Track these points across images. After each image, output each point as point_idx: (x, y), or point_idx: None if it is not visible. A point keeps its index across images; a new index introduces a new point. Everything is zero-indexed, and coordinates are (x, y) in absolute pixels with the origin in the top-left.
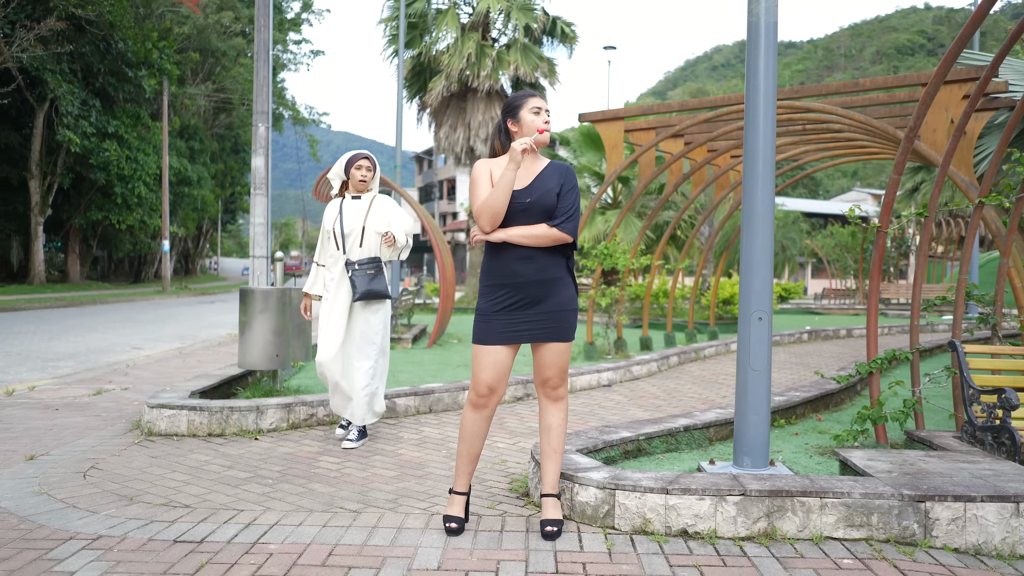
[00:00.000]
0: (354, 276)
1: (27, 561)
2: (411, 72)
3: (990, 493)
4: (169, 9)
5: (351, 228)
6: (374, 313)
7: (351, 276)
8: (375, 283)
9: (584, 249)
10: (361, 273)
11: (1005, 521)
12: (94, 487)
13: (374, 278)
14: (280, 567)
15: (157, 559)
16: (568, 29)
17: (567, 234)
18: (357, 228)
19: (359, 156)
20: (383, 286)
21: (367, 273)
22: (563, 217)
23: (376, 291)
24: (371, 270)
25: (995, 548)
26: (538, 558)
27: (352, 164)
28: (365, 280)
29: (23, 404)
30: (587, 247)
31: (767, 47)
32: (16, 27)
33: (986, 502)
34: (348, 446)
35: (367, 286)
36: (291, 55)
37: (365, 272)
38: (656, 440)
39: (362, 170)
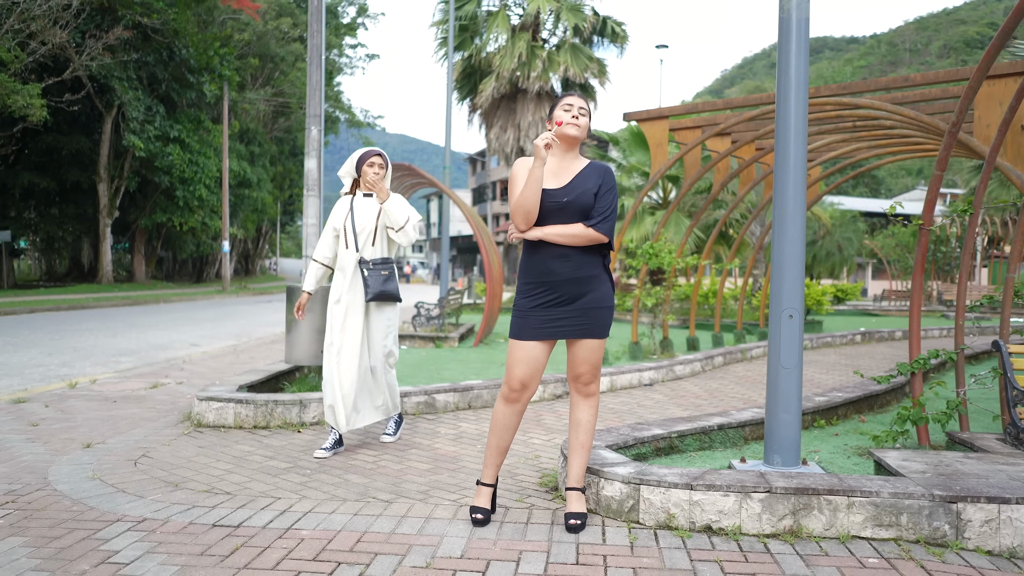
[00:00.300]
0: (368, 275)
1: (77, 540)
2: (462, 74)
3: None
4: (230, 16)
5: (364, 226)
6: (387, 315)
7: (365, 275)
8: (389, 284)
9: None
10: (375, 273)
11: None
12: (143, 474)
13: (388, 279)
14: (310, 551)
15: (196, 541)
16: (618, 29)
17: (602, 234)
18: (370, 226)
19: (371, 154)
20: (395, 288)
21: (381, 273)
22: (599, 217)
23: (390, 292)
24: (385, 270)
25: None
26: (560, 550)
27: (364, 162)
28: (379, 280)
29: (85, 396)
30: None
31: (798, 43)
32: (86, 37)
33: (1021, 504)
34: (388, 439)
35: (381, 287)
36: (347, 59)
37: (379, 272)
38: (689, 438)
39: (374, 167)
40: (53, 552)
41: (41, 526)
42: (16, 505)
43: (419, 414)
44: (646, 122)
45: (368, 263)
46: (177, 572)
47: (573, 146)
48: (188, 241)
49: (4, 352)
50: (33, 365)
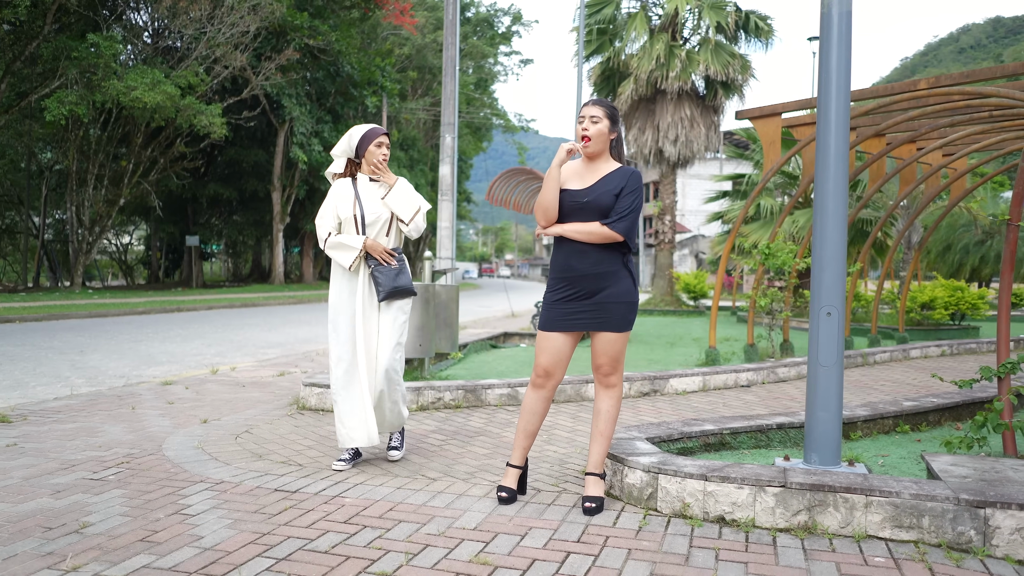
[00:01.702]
0: (376, 272)
1: (163, 495)
2: (600, 77)
3: None
4: (391, 32)
5: (375, 216)
6: (398, 313)
7: (373, 273)
8: (401, 279)
9: (746, 248)
10: (385, 268)
11: None
12: (238, 446)
13: (399, 273)
14: (344, 515)
15: (255, 501)
16: (762, 24)
17: (617, 232)
18: (384, 215)
19: (379, 131)
20: (408, 281)
21: (391, 268)
22: (616, 216)
23: (404, 288)
24: (395, 263)
25: None
26: (567, 529)
27: (370, 141)
28: (390, 276)
29: (220, 381)
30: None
31: (840, 38)
32: (262, 59)
33: None
34: (396, 456)
35: (393, 283)
36: (501, 66)
37: (390, 267)
38: (744, 436)
39: (384, 147)
40: (141, 503)
41: (141, 482)
42: (128, 466)
43: (501, 405)
44: (759, 120)
45: (375, 259)
46: (230, 524)
47: (594, 156)
48: None
49: (173, 343)
50: (192, 354)
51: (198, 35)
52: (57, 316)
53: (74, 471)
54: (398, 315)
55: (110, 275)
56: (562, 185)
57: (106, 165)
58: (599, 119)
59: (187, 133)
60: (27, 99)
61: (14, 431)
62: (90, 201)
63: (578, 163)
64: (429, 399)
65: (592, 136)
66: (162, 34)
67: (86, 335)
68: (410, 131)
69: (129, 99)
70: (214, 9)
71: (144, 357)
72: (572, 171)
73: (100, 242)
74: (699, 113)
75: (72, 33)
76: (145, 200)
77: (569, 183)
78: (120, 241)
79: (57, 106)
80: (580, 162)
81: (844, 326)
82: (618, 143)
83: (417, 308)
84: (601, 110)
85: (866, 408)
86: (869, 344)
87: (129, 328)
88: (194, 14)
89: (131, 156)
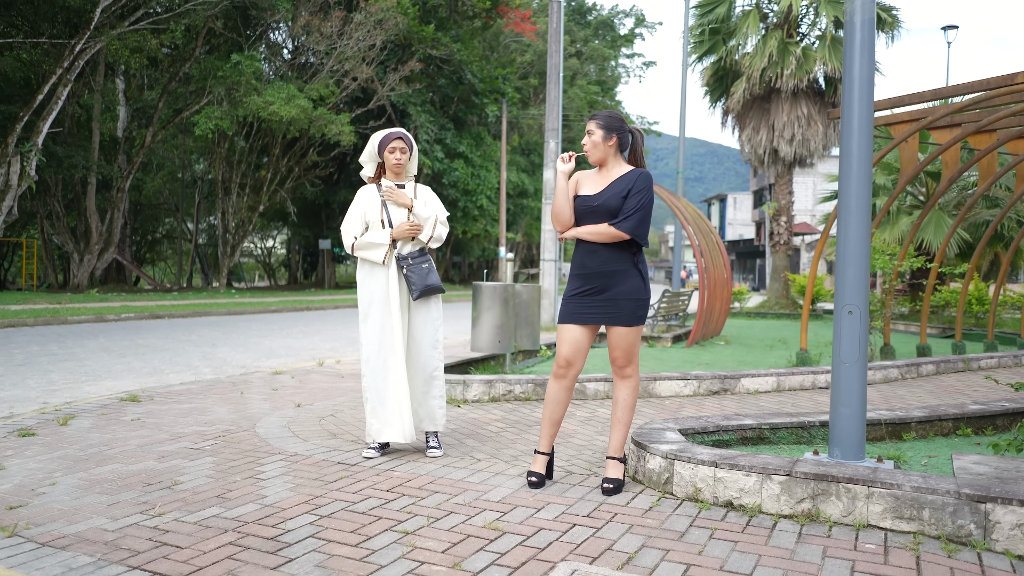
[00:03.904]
0: (409, 272)
1: (245, 463)
2: (713, 77)
3: None
4: (513, 39)
5: (401, 219)
6: (431, 310)
7: (406, 273)
8: (432, 277)
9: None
10: (416, 268)
11: None
12: (319, 427)
13: (430, 272)
14: (388, 485)
15: (318, 471)
16: (886, 15)
17: (623, 231)
18: (407, 219)
19: (392, 136)
20: (438, 279)
21: (422, 267)
22: (622, 217)
23: (435, 286)
24: (424, 263)
25: None
26: (581, 505)
27: (386, 146)
28: (422, 275)
29: (324, 372)
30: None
31: (862, 44)
32: (387, 70)
33: None
34: (436, 454)
35: (425, 281)
36: (623, 69)
37: (420, 266)
38: (783, 431)
39: (396, 152)
40: (225, 469)
41: (229, 453)
42: (223, 439)
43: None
44: None
45: (407, 259)
46: (291, 488)
47: (600, 163)
48: (474, 247)
49: (295, 338)
50: (309, 349)
51: (329, 50)
52: (200, 313)
53: (179, 442)
54: (432, 312)
55: (256, 276)
56: (577, 192)
57: (248, 174)
58: (592, 132)
59: (319, 142)
60: (181, 115)
61: (141, 408)
62: (234, 208)
63: (594, 171)
64: (500, 391)
65: (588, 148)
66: (299, 51)
67: (220, 330)
68: (532, 136)
69: (267, 113)
70: (344, 25)
71: (266, 350)
72: (587, 178)
73: (242, 246)
74: (817, 111)
75: (220, 54)
76: (283, 206)
77: (583, 189)
78: (265, 245)
79: (205, 121)
80: (596, 170)
81: (867, 324)
82: (625, 147)
83: (496, 307)
84: (594, 123)
85: (923, 409)
86: (985, 349)
87: (259, 324)
88: (326, 30)
89: (270, 165)
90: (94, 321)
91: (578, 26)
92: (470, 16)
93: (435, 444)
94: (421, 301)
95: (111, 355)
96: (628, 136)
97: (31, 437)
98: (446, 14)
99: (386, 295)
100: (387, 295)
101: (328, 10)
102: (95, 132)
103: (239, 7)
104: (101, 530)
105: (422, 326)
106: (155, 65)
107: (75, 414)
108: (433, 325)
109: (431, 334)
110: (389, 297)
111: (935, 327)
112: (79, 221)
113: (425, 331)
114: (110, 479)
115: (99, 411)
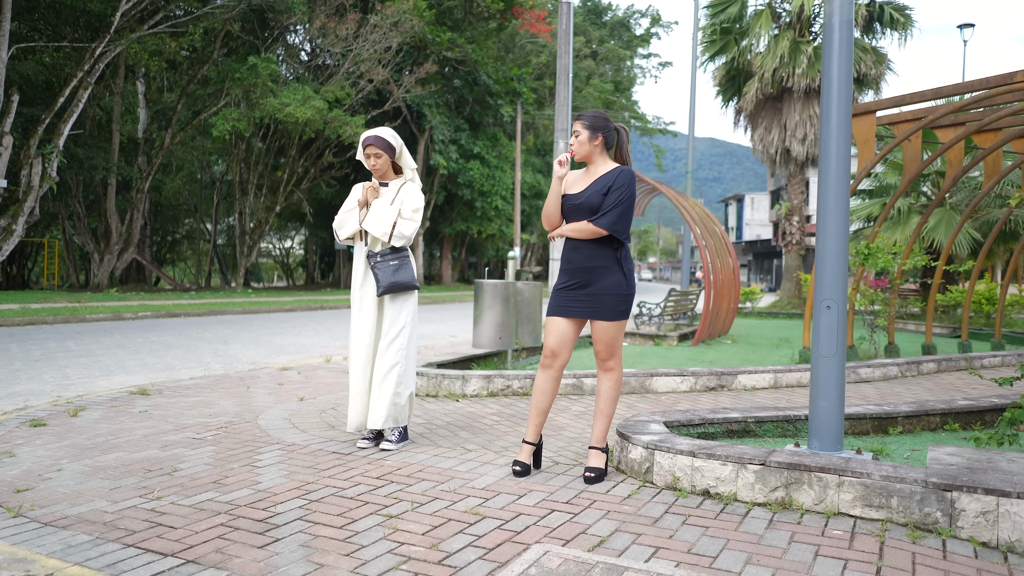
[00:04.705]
0: (376, 268)
1: (243, 452)
2: (725, 77)
3: None
4: (528, 40)
5: (379, 211)
6: (401, 308)
7: (373, 268)
8: (399, 274)
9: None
10: (384, 264)
11: None
12: (319, 420)
13: (398, 269)
14: (379, 472)
15: (312, 459)
16: (898, 15)
17: (600, 227)
18: (387, 217)
19: (366, 141)
20: (408, 276)
21: (390, 264)
22: (600, 213)
23: (401, 283)
24: (394, 260)
25: None
26: (562, 493)
27: (363, 150)
28: (388, 272)
29: (330, 368)
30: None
31: (841, 46)
32: (403, 72)
33: (1022, 499)
34: (388, 447)
35: (391, 278)
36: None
37: (388, 263)
38: (768, 424)
39: (370, 159)
40: (224, 457)
41: (230, 443)
42: (225, 430)
43: (565, 394)
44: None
45: (376, 256)
46: (285, 475)
47: (588, 161)
48: (488, 247)
49: (306, 336)
50: (319, 346)
51: (345, 52)
52: (215, 312)
53: (183, 432)
54: (401, 311)
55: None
56: (566, 191)
57: (265, 175)
58: (579, 132)
59: (335, 144)
60: (199, 117)
61: (149, 401)
62: (251, 208)
63: (582, 170)
64: (499, 386)
65: (575, 149)
66: (316, 53)
67: (234, 328)
68: (547, 136)
69: (283, 114)
70: (359, 27)
71: (276, 348)
72: (575, 178)
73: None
74: None
75: (237, 56)
76: (299, 207)
77: (571, 188)
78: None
79: (222, 123)
80: (583, 169)
81: (845, 319)
82: (610, 145)
83: (497, 304)
84: (579, 123)
85: (911, 404)
86: (992, 348)
87: (272, 323)
88: (341, 32)
89: (286, 166)
90: (112, 319)
91: (594, 26)
92: (485, 17)
93: (391, 438)
94: (390, 299)
95: (125, 351)
96: (613, 134)
97: (42, 427)
98: (461, 15)
99: (361, 290)
100: (358, 290)
101: (344, 12)
102: (115, 134)
103: (256, 10)
104: (101, 512)
105: (388, 323)
106: (174, 68)
107: (86, 406)
108: (399, 324)
109: (394, 333)
110: (362, 294)
111: (946, 327)
112: (100, 222)
113: (391, 329)
114: (113, 466)
115: (109, 404)
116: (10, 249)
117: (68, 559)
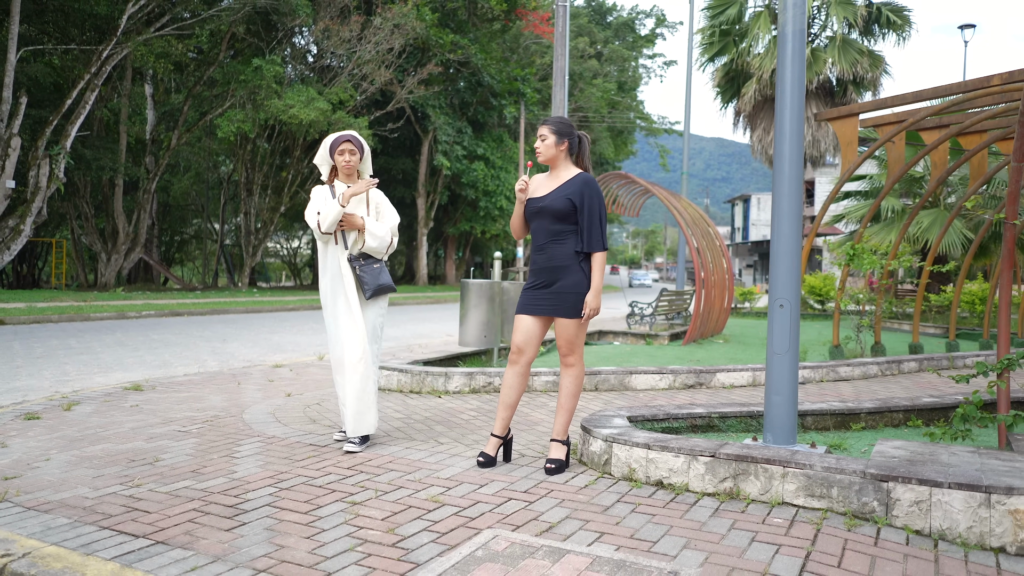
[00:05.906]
0: (362, 273)
1: (224, 444)
2: (724, 78)
3: (959, 481)
4: (533, 41)
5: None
6: (379, 310)
7: (358, 272)
8: (384, 276)
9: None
10: (368, 268)
11: (972, 510)
12: (302, 415)
13: (381, 271)
14: (350, 463)
15: (289, 451)
16: (896, 16)
17: (596, 250)
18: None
19: (342, 139)
20: (388, 279)
21: (374, 267)
22: (587, 238)
23: (387, 285)
24: (376, 264)
25: (960, 536)
26: (522, 483)
27: (335, 149)
28: (374, 275)
29: (322, 365)
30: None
31: (794, 54)
32: (406, 74)
33: (953, 489)
34: (351, 449)
35: (378, 281)
36: (644, 69)
37: (371, 266)
38: (732, 420)
39: (345, 155)
40: (205, 448)
41: (213, 436)
42: (210, 424)
43: (545, 391)
44: (836, 120)
45: (359, 259)
46: (261, 465)
47: (552, 165)
48: (492, 247)
49: (304, 335)
50: (316, 345)
51: (349, 54)
52: (218, 311)
53: (169, 425)
54: (379, 313)
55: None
56: (531, 195)
57: (270, 175)
58: (545, 136)
59: None
60: (205, 118)
61: (141, 396)
62: (256, 208)
63: (545, 174)
64: (480, 383)
65: (541, 151)
66: (320, 56)
67: (234, 327)
68: None
69: (287, 116)
70: (363, 29)
71: (273, 346)
72: (539, 182)
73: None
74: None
75: (243, 58)
76: (304, 207)
77: (536, 192)
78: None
79: (227, 124)
80: (546, 173)
81: (798, 317)
82: (573, 151)
83: (482, 303)
84: (546, 128)
85: (874, 401)
86: (980, 348)
87: (272, 322)
88: (344, 34)
89: (291, 167)
90: (116, 318)
91: (598, 27)
92: (489, 19)
93: (355, 440)
94: (372, 301)
95: (125, 349)
96: (576, 140)
97: (35, 420)
98: (465, 17)
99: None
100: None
101: (347, 15)
102: (122, 135)
103: (261, 12)
104: (82, 497)
105: (369, 327)
106: (181, 69)
107: (80, 401)
108: (376, 329)
109: (372, 337)
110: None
111: (939, 327)
112: (107, 222)
113: (371, 333)
114: (99, 456)
115: (102, 398)
116: (18, 248)
117: (46, 539)
